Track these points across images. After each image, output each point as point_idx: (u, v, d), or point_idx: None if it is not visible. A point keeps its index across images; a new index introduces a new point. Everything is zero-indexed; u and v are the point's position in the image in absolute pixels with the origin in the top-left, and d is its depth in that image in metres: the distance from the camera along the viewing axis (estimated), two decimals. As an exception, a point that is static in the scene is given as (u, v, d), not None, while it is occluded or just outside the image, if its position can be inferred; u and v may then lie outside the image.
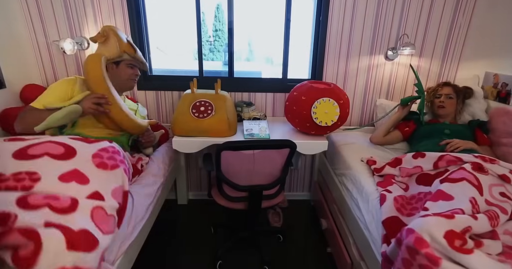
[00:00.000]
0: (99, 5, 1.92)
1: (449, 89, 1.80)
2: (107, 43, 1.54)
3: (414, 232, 0.85)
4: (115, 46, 1.53)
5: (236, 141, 1.48)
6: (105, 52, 1.52)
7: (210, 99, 1.78)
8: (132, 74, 1.62)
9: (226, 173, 1.58)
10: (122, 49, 1.54)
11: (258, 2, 2.94)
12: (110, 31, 1.53)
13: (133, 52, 1.59)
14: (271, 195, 1.70)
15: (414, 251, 0.83)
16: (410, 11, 1.99)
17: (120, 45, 1.53)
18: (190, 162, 2.35)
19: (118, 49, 1.53)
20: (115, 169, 1.09)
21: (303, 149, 1.74)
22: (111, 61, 1.55)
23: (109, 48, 1.53)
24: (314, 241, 1.99)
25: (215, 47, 11.28)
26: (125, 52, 1.56)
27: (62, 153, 1.01)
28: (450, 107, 1.78)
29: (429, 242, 0.82)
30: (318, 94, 1.69)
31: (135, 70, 1.65)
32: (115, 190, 1.05)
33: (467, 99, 1.86)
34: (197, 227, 2.09)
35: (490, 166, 1.22)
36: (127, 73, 1.60)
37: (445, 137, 1.64)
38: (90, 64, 1.43)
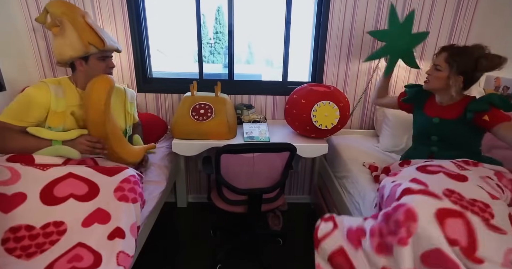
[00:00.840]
0: (99, 8, 1.92)
1: (442, 57, 1.34)
2: (65, 35, 1.26)
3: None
4: (76, 40, 1.26)
5: (236, 144, 1.48)
6: (66, 49, 1.27)
7: (210, 102, 1.78)
8: (106, 67, 1.38)
9: (226, 176, 1.58)
10: (86, 41, 1.27)
11: (258, 5, 2.94)
12: (64, 19, 1.26)
13: (102, 44, 1.32)
14: (271, 198, 1.69)
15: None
16: (410, 14, 1.98)
17: (82, 37, 1.27)
18: (190, 164, 2.34)
19: (81, 43, 1.27)
20: (135, 202, 1.15)
21: (303, 152, 1.73)
22: (77, 58, 1.31)
23: (69, 42, 1.26)
24: (314, 244, 1.97)
25: (215, 49, 11.30)
26: (91, 44, 1.29)
27: (86, 193, 1.07)
28: (434, 82, 1.37)
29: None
30: (318, 97, 1.68)
31: (109, 61, 1.40)
32: (133, 226, 1.11)
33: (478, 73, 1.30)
34: (196, 230, 2.07)
35: (474, 169, 1.20)
36: (100, 68, 1.36)
37: (433, 146, 1.43)
38: (95, 92, 1.26)
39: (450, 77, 1.31)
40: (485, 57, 1.24)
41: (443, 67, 1.33)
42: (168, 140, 2.04)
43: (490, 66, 1.24)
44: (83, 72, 1.35)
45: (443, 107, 1.42)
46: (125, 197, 1.12)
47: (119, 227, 1.04)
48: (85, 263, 0.93)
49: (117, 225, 1.04)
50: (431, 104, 1.48)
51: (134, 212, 1.13)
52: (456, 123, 1.35)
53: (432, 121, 1.42)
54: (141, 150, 1.53)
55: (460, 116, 1.34)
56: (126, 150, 1.42)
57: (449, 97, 1.38)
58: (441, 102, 1.44)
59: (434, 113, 1.44)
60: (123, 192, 1.12)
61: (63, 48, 1.27)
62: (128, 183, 1.15)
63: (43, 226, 0.99)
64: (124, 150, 1.41)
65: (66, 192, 1.06)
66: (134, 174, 1.21)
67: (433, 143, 1.43)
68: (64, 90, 1.32)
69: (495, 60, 1.24)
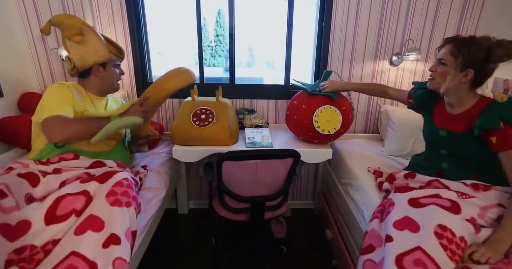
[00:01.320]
0: (99, 13, 1.89)
1: (446, 50, 1.17)
2: (88, 43, 1.37)
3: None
4: (101, 47, 1.38)
5: (238, 151, 1.44)
6: (90, 55, 1.36)
7: (211, 107, 1.74)
8: (118, 75, 1.51)
9: (228, 183, 1.54)
10: (109, 49, 1.42)
11: (259, 7, 2.92)
12: (88, 29, 1.37)
13: (119, 54, 1.49)
14: (274, 205, 1.65)
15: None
16: (415, 15, 1.95)
17: (105, 45, 1.41)
18: (191, 170, 2.30)
19: (106, 50, 1.39)
20: (129, 206, 1.10)
21: (306, 158, 1.69)
22: (97, 64, 1.40)
23: (93, 48, 1.36)
24: (319, 252, 1.93)
25: (216, 52, 11.32)
26: (111, 52, 1.45)
27: (83, 206, 1.05)
28: (440, 79, 1.20)
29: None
30: (318, 102, 1.64)
31: (120, 69, 1.54)
32: (128, 231, 1.06)
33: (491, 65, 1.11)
34: (198, 238, 2.03)
35: (483, 194, 1.13)
36: (115, 74, 1.48)
37: (443, 161, 1.29)
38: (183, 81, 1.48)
39: (451, 71, 1.15)
40: (499, 44, 1.07)
41: (448, 61, 1.15)
42: (168, 145, 2.01)
43: (507, 54, 1.07)
44: (99, 77, 1.43)
45: (452, 116, 1.25)
46: (118, 201, 1.06)
47: (113, 234, 0.99)
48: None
49: (111, 232, 0.99)
50: (440, 111, 1.32)
51: (128, 216, 1.08)
52: (465, 137, 1.19)
53: (438, 133, 1.28)
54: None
55: (469, 129, 1.17)
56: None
57: (459, 99, 1.20)
58: (451, 108, 1.27)
59: (442, 123, 1.29)
60: (115, 196, 1.07)
61: (86, 55, 1.35)
62: (120, 187, 1.10)
63: (44, 244, 0.97)
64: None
65: (68, 209, 1.03)
66: (127, 177, 1.16)
67: (443, 157, 1.29)
68: (79, 93, 1.39)
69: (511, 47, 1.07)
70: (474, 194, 1.13)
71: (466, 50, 1.11)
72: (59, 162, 1.26)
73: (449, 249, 0.95)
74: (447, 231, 0.98)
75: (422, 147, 1.47)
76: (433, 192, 1.15)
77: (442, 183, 1.21)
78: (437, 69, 1.21)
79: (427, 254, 0.93)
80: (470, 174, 1.21)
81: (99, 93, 1.47)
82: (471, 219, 1.04)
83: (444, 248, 0.95)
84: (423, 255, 0.93)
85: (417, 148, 1.80)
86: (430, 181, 1.25)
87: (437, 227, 0.98)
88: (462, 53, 1.12)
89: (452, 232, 0.98)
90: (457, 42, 1.15)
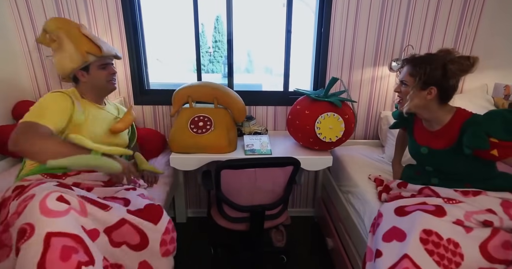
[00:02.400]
0: (95, 19, 1.87)
1: (405, 71, 1.20)
2: (63, 48, 1.28)
3: None
4: (73, 51, 1.28)
5: (237, 159, 1.41)
6: (66, 62, 1.28)
7: (209, 114, 1.72)
8: (108, 75, 1.39)
9: (227, 192, 1.50)
10: (83, 51, 1.29)
11: (257, 13, 2.92)
12: (60, 33, 1.28)
13: (99, 51, 1.33)
14: (274, 214, 1.62)
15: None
16: (414, 21, 1.94)
17: (78, 48, 1.29)
18: (189, 178, 2.27)
19: (78, 53, 1.28)
20: (173, 251, 1.20)
21: (306, 165, 1.66)
22: (78, 70, 1.32)
23: (68, 54, 1.28)
24: (319, 262, 1.88)
25: (214, 57, 11.34)
26: (89, 53, 1.31)
27: (137, 244, 1.08)
28: (405, 100, 1.22)
29: None
30: (322, 109, 1.62)
31: (110, 68, 1.41)
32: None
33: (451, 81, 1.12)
34: (196, 247, 1.99)
35: (472, 199, 1.11)
36: (102, 77, 1.37)
37: (433, 177, 1.27)
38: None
39: (411, 91, 1.16)
40: (451, 61, 1.10)
41: (409, 82, 1.18)
42: (167, 154, 1.97)
43: (460, 69, 1.09)
44: (87, 83, 1.36)
45: (431, 133, 1.24)
46: (168, 251, 1.16)
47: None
48: None
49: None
50: (419, 128, 1.32)
51: (172, 261, 1.20)
52: (448, 154, 1.18)
53: (420, 150, 1.27)
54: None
55: (453, 145, 1.16)
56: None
57: (433, 116, 1.20)
58: (429, 125, 1.26)
59: (423, 140, 1.28)
60: (166, 247, 1.15)
61: (63, 62, 1.29)
62: (168, 234, 1.18)
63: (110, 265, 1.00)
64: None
65: (121, 239, 1.06)
66: (169, 218, 1.23)
67: (431, 173, 1.28)
68: (81, 103, 1.32)
69: (463, 63, 1.09)
70: (463, 199, 1.12)
71: (422, 70, 1.13)
72: (77, 174, 1.22)
73: (436, 253, 0.95)
74: (433, 234, 0.98)
75: None
76: (419, 201, 1.16)
77: (433, 190, 1.20)
78: (402, 90, 1.23)
79: (413, 262, 0.93)
80: (461, 185, 1.19)
81: (96, 97, 1.41)
82: (457, 221, 1.04)
83: (430, 254, 0.95)
84: (409, 263, 0.93)
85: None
86: (421, 188, 1.24)
87: (422, 232, 0.99)
88: (419, 72, 1.14)
89: (439, 235, 0.98)
90: (414, 63, 1.17)
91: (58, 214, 0.88)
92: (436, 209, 1.07)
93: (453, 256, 0.96)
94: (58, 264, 0.79)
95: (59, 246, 0.81)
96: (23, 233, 0.82)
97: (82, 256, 0.85)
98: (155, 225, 1.14)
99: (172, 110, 1.76)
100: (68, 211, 0.91)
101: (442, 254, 0.95)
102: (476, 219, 1.05)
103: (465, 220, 1.04)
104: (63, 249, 0.82)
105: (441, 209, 1.07)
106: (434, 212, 1.05)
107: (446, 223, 1.02)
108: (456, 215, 1.05)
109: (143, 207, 1.17)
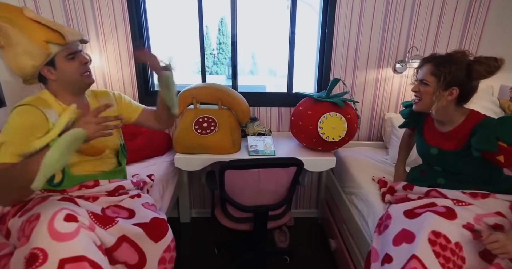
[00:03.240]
0: (101, 21, 1.90)
1: (426, 70, 1.17)
2: (13, 43, 1.00)
3: None
4: (27, 44, 1.00)
5: (241, 160, 1.42)
6: (23, 59, 1.01)
7: (213, 115, 1.73)
8: (79, 66, 1.12)
9: (230, 192, 1.51)
10: (40, 40, 1.01)
11: (262, 15, 2.93)
12: (7, 26, 1.00)
13: (61, 39, 1.05)
14: (277, 215, 1.62)
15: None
16: (418, 22, 1.94)
17: (33, 38, 1.01)
18: (193, 178, 2.28)
19: (36, 45, 1.01)
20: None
21: (310, 166, 1.67)
22: (42, 67, 1.06)
23: (22, 49, 1.01)
24: (323, 262, 1.89)
25: (218, 59, 11.40)
26: (49, 42, 1.03)
27: (135, 263, 1.07)
28: (426, 100, 1.18)
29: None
30: (324, 109, 1.63)
31: (80, 57, 1.13)
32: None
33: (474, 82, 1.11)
34: (200, 247, 2.00)
35: (481, 202, 1.11)
36: (73, 69, 1.10)
37: (439, 177, 1.27)
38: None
39: (436, 91, 1.13)
40: (478, 62, 1.08)
41: (430, 81, 1.15)
42: (172, 153, 1.99)
43: (487, 71, 1.07)
44: (56, 80, 1.11)
45: (442, 134, 1.24)
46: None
47: None
48: None
49: None
50: (429, 128, 1.31)
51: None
52: (458, 155, 1.18)
53: (430, 151, 1.27)
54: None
55: (463, 147, 1.16)
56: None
57: (447, 117, 1.19)
58: (440, 126, 1.25)
59: (433, 141, 1.27)
60: (164, 265, 1.14)
61: (19, 59, 1.02)
62: (169, 252, 1.16)
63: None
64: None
65: (121, 259, 1.06)
66: (173, 237, 1.21)
67: (438, 173, 1.28)
68: (55, 110, 1.10)
69: (491, 63, 1.06)
70: (472, 202, 1.12)
71: (447, 70, 1.10)
72: (79, 189, 1.16)
73: (442, 256, 0.95)
74: (441, 237, 0.98)
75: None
76: (428, 201, 1.15)
77: (440, 192, 1.20)
78: (420, 90, 1.20)
79: (421, 262, 0.94)
80: (468, 187, 1.18)
81: (72, 97, 1.16)
82: (468, 224, 1.03)
83: (436, 256, 0.95)
84: (418, 264, 0.94)
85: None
86: (428, 191, 1.24)
87: (431, 233, 0.99)
88: (443, 72, 1.11)
89: (447, 238, 0.98)
90: (436, 62, 1.14)
91: (69, 236, 0.87)
92: (447, 211, 1.06)
93: (457, 259, 0.97)
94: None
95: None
96: (35, 259, 0.82)
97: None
98: (156, 243, 1.12)
99: (177, 111, 1.78)
100: (78, 230, 0.90)
101: (448, 257, 0.95)
102: (486, 222, 1.04)
103: (475, 224, 1.04)
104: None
105: (452, 211, 1.05)
106: (444, 214, 1.04)
107: (456, 226, 1.02)
108: (466, 218, 1.04)
109: (149, 221, 1.15)
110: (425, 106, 1.20)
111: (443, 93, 1.13)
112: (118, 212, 1.18)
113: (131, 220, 1.15)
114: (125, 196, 1.27)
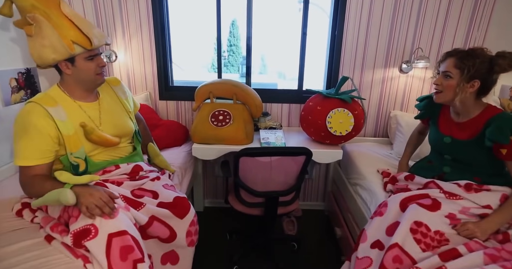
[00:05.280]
0: (127, 20, 2.05)
1: (449, 63, 1.21)
2: (42, 35, 1.06)
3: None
4: (57, 41, 1.07)
5: (254, 147, 1.54)
6: (47, 51, 1.07)
7: (228, 109, 1.86)
8: (96, 67, 1.20)
9: (244, 178, 1.63)
10: (68, 40, 1.08)
11: (272, 19, 3.06)
12: (37, 14, 1.05)
13: (88, 44, 1.12)
14: (287, 201, 1.74)
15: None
16: (424, 24, 2.04)
17: (63, 37, 1.07)
18: (207, 169, 2.41)
19: (63, 44, 1.07)
20: (196, 243, 1.37)
21: (318, 158, 1.78)
22: (61, 61, 1.13)
23: (49, 43, 1.07)
24: (329, 249, 2.00)
25: (229, 61, 11.55)
26: (75, 43, 1.10)
27: (168, 236, 1.24)
28: (448, 92, 1.23)
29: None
30: (333, 105, 1.74)
31: (99, 60, 1.21)
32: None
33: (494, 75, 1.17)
34: (213, 234, 2.12)
35: (473, 196, 1.20)
36: (90, 69, 1.18)
37: (446, 165, 1.35)
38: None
39: (460, 84, 1.18)
40: (502, 56, 1.14)
41: (454, 74, 1.19)
42: (188, 144, 2.14)
43: (510, 65, 1.13)
44: (71, 75, 1.17)
45: (457, 124, 1.30)
46: (193, 242, 1.34)
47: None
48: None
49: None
50: (444, 118, 1.37)
51: (194, 250, 1.37)
52: (470, 145, 1.24)
53: (443, 140, 1.33)
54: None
55: (475, 137, 1.22)
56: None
57: (466, 109, 1.24)
58: (456, 116, 1.31)
59: (447, 130, 1.34)
60: (191, 237, 1.32)
61: (43, 51, 1.08)
62: (193, 226, 1.34)
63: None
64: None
65: (154, 234, 1.23)
66: (195, 212, 1.37)
67: (446, 161, 1.35)
68: (64, 109, 1.15)
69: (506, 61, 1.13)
70: (465, 196, 1.21)
71: (471, 63, 1.15)
72: (103, 174, 1.28)
73: (423, 242, 1.09)
74: (422, 226, 1.12)
75: (429, 149, 1.53)
76: (423, 192, 1.27)
77: (437, 184, 1.29)
78: (442, 82, 1.24)
79: (403, 249, 1.08)
80: (471, 177, 1.27)
81: (82, 93, 1.24)
82: (449, 215, 1.16)
83: (418, 242, 1.09)
84: (399, 251, 1.08)
85: (424, 150, 1.85)
86: (427, 182, 1.33)
87: (413, 223, 1.13)
88: (467, 65, 1.16)
89: (427, 227, 1.12)
90: (460, 56, 1.19)
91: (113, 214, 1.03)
92: (432, 203, 1.18)
93: (438, 244, 1.10)
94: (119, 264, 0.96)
95: (118, 248, 0.97)
96: (88, 233, 0.97)
97: (136, 253, 1.01)
98: (182, 219, 1.27)
99: (195, 105, 1.91)
100: (118, 210, 1.07)
101: (428, 243, 1.09)
102: (473, 212, 1.17)
103: (459, 213, 1.17)
104: (122, 250, 0.98)
105: (437, 204, 1.18)
106: (428, 207, 1.17)
107: (437, 216, 1.15)
108: (449, 209, 1.17)
109: (172, 201, 1.29)
110: (446, 98, 1.25)
111: (466, 85, 1.18)
112: (143, 194, 1.31)
113: (156, 200, 1.29)
114: (146, 179, 1.40)
